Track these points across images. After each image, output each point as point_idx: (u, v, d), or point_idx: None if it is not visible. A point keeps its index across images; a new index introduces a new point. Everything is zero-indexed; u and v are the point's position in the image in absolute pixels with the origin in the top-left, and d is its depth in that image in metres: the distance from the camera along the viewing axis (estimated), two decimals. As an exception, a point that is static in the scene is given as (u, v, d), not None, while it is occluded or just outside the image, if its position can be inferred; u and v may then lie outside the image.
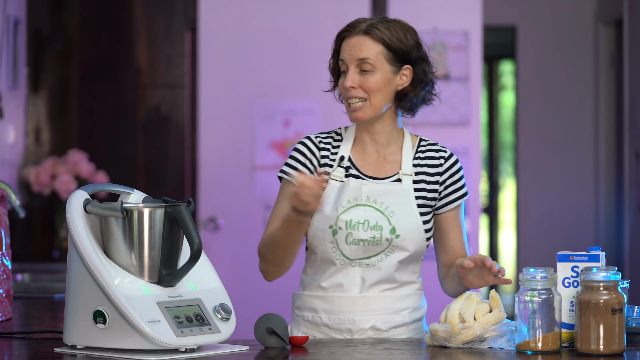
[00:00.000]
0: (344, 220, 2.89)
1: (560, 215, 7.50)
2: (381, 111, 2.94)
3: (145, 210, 2.55)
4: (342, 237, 2.89)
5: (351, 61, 2.91)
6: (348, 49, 2.91)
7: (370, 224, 2.90)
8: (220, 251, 5.79)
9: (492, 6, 7.17)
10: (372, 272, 2.91)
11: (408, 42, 2.93)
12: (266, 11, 5.84)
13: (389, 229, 2.89)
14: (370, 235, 2.89)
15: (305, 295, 2.96)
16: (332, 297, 2.92)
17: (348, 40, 2.92)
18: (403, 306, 2.94)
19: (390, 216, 2.90)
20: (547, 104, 7.57)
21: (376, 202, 2.91)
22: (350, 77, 2.91)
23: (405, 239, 2.90)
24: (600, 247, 2.66)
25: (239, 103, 5.83)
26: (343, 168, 2.96)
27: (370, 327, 2.91)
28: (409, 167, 2.97)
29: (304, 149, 2.99)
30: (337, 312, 2.91)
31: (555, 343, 2.55)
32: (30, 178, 5.82)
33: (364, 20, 2.95)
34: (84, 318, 2.52)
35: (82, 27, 6.11)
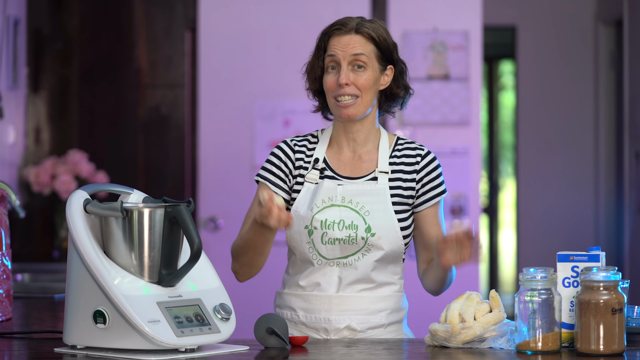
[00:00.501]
0: (319, 220, 2.91)
1: (560, 215, 7.50)
2: (369, 109, 2.97)
3: (145, 210, 2.55)
4: (318, 236, 2.91)
5: (344, 57, 2.92)
6: (340, 47, 2.93)
7: (346, 223, 2.91)
8: (220, 251, 5.79)
9: (492, 6, 7.17)
10: (349, 272, 2.92)
11: (390, 42, 2.99)
12: (266, 11, 5.84)
13: (364, 227, 2.91)
14: (346, 235, 2.90)
15: (285, 293, 2.99)
16: (309, 296, 2.94)
17: (339, 38, 2.94)
18: (381, 307, 2.94)
19: (366, 215, 2.91)
20: (547, 104, 7.57)
21: (351, 202, 2.92)
22: (344, 74, 2.92)
23: (381, 238, 2.91)
24: (600, 247, 2.66)
25: (239, 103, 5.83)
26: (317, 170, 2.97)
27: (346, 327, 2.92)
28: (385, 165, 2.98)
29: (280, 153, 3.01)
30: (314, 311, 2.93)
31: (555, 343, 2.55)
32: (30, 178, 5.82)
33: (351, 19, 2.97)
34: (84, 318, 2.52)
35: (82, 27, 6.11)
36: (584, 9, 7.49)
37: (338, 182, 2.95)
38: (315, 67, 2.98)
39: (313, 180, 2.97)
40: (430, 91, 5.88)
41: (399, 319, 2.99)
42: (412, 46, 5.89)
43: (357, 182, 2.96)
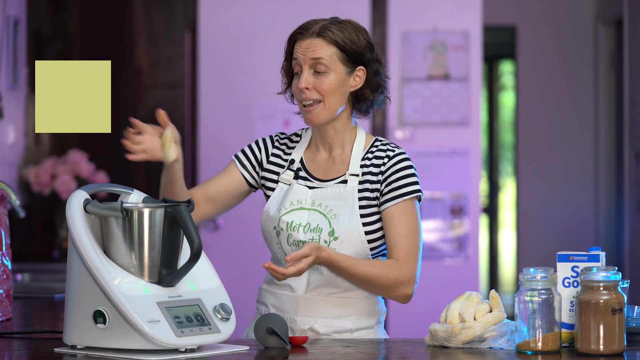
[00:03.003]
0: (285, 221, 2.92)
1: (560, 215, 7.50)
2: (336, 113, 2.94)
3: (145, 210, 2.55)
4: (284, 238, 2.93)
5: (305, 61, 2.90)
6: (301, 50, 2.90)
7: (311, 226, 2.91)
8: (220, 251, 5.79)
9: (492, 6, 7.17)
10: (316, 275, 2.92)
11: (360, 43, 2.93)
12: (266, 11, 5.84)
13: (328, 231, 2.90)
14: (309, 237, 2.90)
15: (263, 289, 3.02)
16: (280, 294, 2.95)
17: (301, 42, 2.91)
18: (348, 312, 2.93)
19: (332, 219, 2.91)
20: (547, 104, 7.57)
21: (321, 206, 2.93)
22: (304, 78, 2.90)
23: (343, 242, 2.89)
24: (600, 247, 2.66)
25: (239, 103, 5.83)
26: (292, 171, 2.98)
27: (309, 329, 2.92)
28: (357, 167, 2.95)
29: (261, 143, 3.06)
30: (283, 310, 2.94)
31: (555, 343, 2.55)
32: (30, 178, 5.82)
33: (316, 22, 2.94)
34: (84, 318, 2.52)
35: (82, 27, 6.11)
36: (584, 9, 7.49)
37: (310, 184, 2.95)
38: (286, 72, 2.99)
39: (287, 181, 2.97)
40: (430, 91, 5.88)
41: (370, 325, 2.96)
42: (412, 46, 5.89)
43: (327, 185, 2.95)
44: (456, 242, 5.87)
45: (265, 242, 3.02)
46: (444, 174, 5.84)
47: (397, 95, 5.85)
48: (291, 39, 2.95)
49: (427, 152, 5.85)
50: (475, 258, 5.87)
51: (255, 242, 5.82)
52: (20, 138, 5.93)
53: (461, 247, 5.86)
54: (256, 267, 5.86)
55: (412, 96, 5.86)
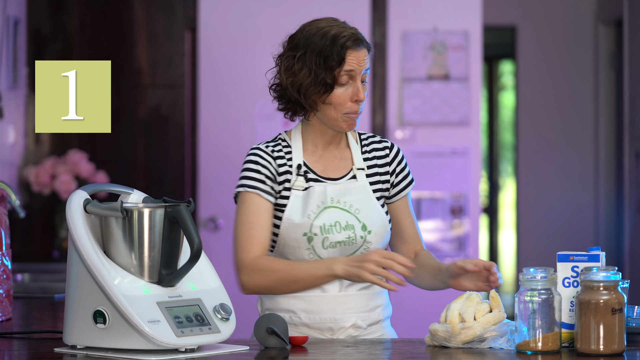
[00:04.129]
0: (318, 225, 2.90)
1: (560, 215, 7.50)
2: None
3: (145, 210, 2.55)
4: (319, 242, 2.90)
5: (359, 73, 2.90)
6: (357, 61, 2.89)
7: (342, 224, 2.91)
8: (220, 251, 5.79)
9: (492, 6, 7.17)
10: None
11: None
12: (266, 11, 5.84)
13: (359, 226, 2.92)
14: (345, 236, 2.91)
15: (280, 296, 2.94)
16: (311, 297, 2.92)
17: (356, 52, 2.89)
18: (377, 304, 2.97)
19: (357, 214, 2.92)
20: (547, 104, 7.57)
21: (340, 202, 2.93)
22: (361, 89, 2.90)
23: (376, 234, 2.93)
24: (600, 247, 2.66)
25: (239, 103, 5.83)
26: (302, 176, 2.96)
27: (352, 325, 2.93)
28: (361, 161, 2.99)
29: (260, 160, 2.94)
30: (318, 312, 2.92)
31: (555, 343, 2.55)
32: (30, 178, 5.82)
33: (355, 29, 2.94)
34: (84, 318, 2.52)
35: (82, 27, 6.11)
36: (584, 9, 7.49)
37: (324, 184, 2.95)
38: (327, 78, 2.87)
39: (300, 187, 2.94)
40: (430, 91, 5.88)
41: (388, 315, 3.03)
42: (412, 46, 5.89)
43: (340, 183, 2.96)
44: (456, 242, 5.87)
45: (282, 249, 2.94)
46: (444, 174, 5.84)
47: (397, 95, 5.86)
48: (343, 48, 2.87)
49: (427, 152, 5.85)
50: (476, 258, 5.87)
51: (255, 242, 5.82)
52: (20, 138, 5.93)
53: (461, 247, 5.86)
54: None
55: (412, 96, 5.86)
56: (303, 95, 2.90)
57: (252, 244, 2.89)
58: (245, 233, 2.91)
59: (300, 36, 2.94)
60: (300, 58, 2.91)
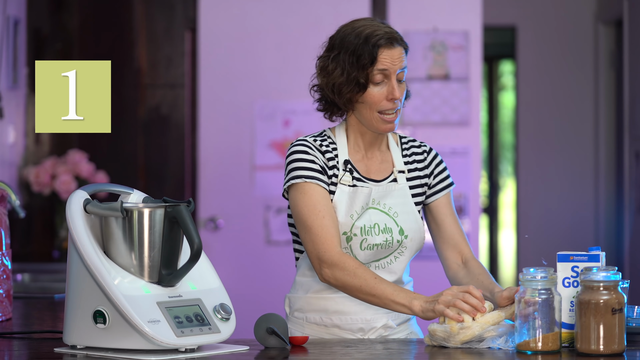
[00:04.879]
0: (359, 226, 2.91)
1: (560, 215, 7.50)
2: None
3: (145, 210, 2.55)
4: (357, 243, 2.91)
5: (394, 72, 2.90)
6: (391, 60, 2.88)
7: (380, 227, 2.92)
8: (220, 251, 5.79)
9: (492, 6, 7.17)
10: (380, 273, 2.94)
11: None
12: (266, 11, 5.84)
13: (397, 230, 2.93)
14: (383, 239, 2.92)
15: (311, 297, 2.96)
16: (343, 299, 2.93)
17: (390, 52, 2.88)
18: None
19: (395, 217, 2.93)
20: (547, 104, 7.57)
21: (380, 204, 2.93)
22: (396, 88, 2.90)
23: (412, 239, 2.95)
24: (600, 247, 2.66)
25: (239, 103, 5.83)
26: (348, 172, 2.95)
27: (383, 325, 2.95)
28: (401, 164, 3.00)
29: (311, 151, 2.92)
30: (349, 313, 2.94)
31: (555, 343, 2.55)
32: (30, 178, 5.82)
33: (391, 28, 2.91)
34: (84, 318, 2.52)
35: (82, 27, 6.11)
36: (584, 9, 7.49)
37: (369, 185, 2.95)
38: (360, 77, 2.87)
39: (347, 183, 2.93)
40: (430, 91, 5.88)
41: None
42: (412, 46, 5.89)
43: (381, 185, 2.96)
44: (456, 242, 5.87)
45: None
46: (444, 174, 5.83)
47: (397, 95, 5.85)
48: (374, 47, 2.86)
49: (427, 152, 5.84)
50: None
51: (255, 242, 5.82)
52: (20, 138, 5.93)
53: (461, 247, 5.86)
54: (256, 267, 5.86)
55: (412, 96, 5.85)
56: (337, 94, 2.90)
57: (331, 234, 2.84)
58: (319, 223, 2.85)
59: (337, 37, 2.93)
60: (334, 58, 2.91)
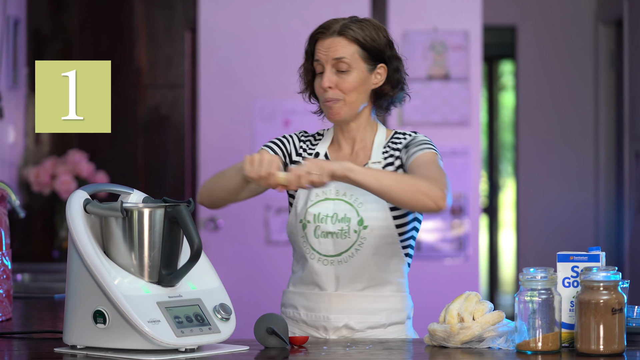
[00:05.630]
0: (312, 213, 2.92)
1: (560, 215, 7.50)
2: (357, 110, 2.96)
3: (145, 210, 2.55)
4: (311, 230, 2.92)
5: (327, 61, 2.92)
6: (323, 50, 2.93)
7: (339, 216, 2.91)
8: (220, 251, 5.79)
9: (492, 6, 7.17)
10: (345, 270, 2.92)
11: (381, 40, 2.96)
12: (266, 11, 5.84)
13: (357, 220, 2.90)
14: (338, 228, 2.91)
15: (289, 292, 3.01)
16: (310, 294, 2.95)
17: (322, 42, 2.94)
18: (381, 307, 2.94)
19: (359, 207, 2.91)
20: (547, 104, 7.57)
21: (346, 195, 2.93)
22: (327, 78, 2.92)
23: (373, 230, 2.90)
24: (600, 247, 2.66)
25: (239, 103, 5.84)
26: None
27: (344, 326, 2.92)
28: (379, 155, 2.98)
29: (288, 137, 3.06)
30: (314, 309, 2.94)
31: (555, 343, 2.55)
32: (30, 178, 5.82)
33: (336, 21, 2.97)
34: (84, 318, 2.52)
35: (82, 27, 6.11)
36: (584, 9, 7.49)
37: None
38: (307, 71, 3.00)
39: None
40: (430, 91, 5.88)
41: (401, 320, 2.97)
42: (412, 46, 5.89)
43: None
44: (456, 242, 5.87)
45: (290, 240, 3.01)
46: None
47: (397, 95, 5.86)
48: (312, 39, 2.97)
49: (427, 152, 5.84)
50: (475, 258, 5.87)
51: (255, 242, 5.82)
52: (20, 138, 5.93)
53: (461, 247, 5.86)
54: (256, 267, 5.86)
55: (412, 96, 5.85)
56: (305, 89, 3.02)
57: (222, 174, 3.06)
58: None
59: None
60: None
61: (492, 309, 2.68)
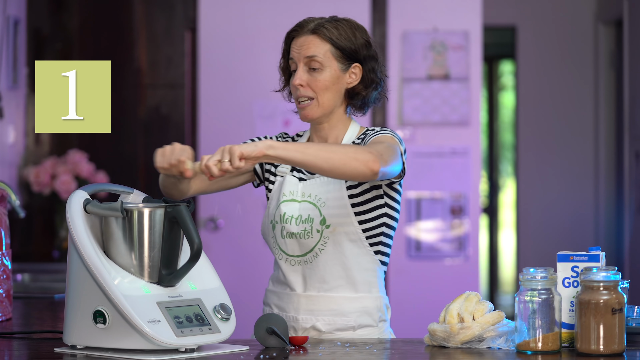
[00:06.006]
0: (279, 214, 2.93)
1: (560, 215, 7.50)
2: (330, 109, 2.94)
3: (145, 210, 2.55)
4: (279, 230, 2.93)
5: (299, 59, 2.92)
6: (297, 48, 2.93)
7: (303, 217, 2.91)
8: (220, 251, 5.79)
9: (492, 6, 7.17)
10: (311, 270, 2.91)
11: (357, 40, 2.94)
12: (266, 11, 5.84)
13: (319, 219, 2.89)
14: (302, 229, 2.90)
15: (267, 290, 3.02)
16: (282, 294, 2.96)
17: (297, 40, 2.94)
18: (350, 308, 2.91)
19: (322, 207, 2.90)
20: (547, 104, 7.57)
21: (310, 196, 2.92)
22: (298, 75, 2.92)
23: (335, 228, 2.89)
24: (600, 247, 2.66)
25: (239, 103, 5.84)
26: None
27: (311, 327, 2.91)
28: None
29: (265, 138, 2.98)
30: (285, 309, 2.94)
31: (555, 343, 2.55)
32: (30, 178, 5.82)
33: (312, 19, 2.97)
34: (84, 318, 2.52)
35: (82, 27, 6.11)
36: (584, 9, 7.49)
37: (302, 176, 2.95)
38: (284, 69, 3.00)
39: (283, 174, 2.98)
40: (430, 91, 5.88)
41: (372, 323, 2.94)
42: (412, 46, 5.89)
43: (316, 176, 2.94)
44: (456, 242, 5.87)
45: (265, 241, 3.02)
46: (444, 174, 5.84)
47: (397, 95, 5.86)
48: (288, 37, 2.97)
49: (427, 152, 5.85)
50: (475, 258, 5.87)
51: (255, 242, 5.82)
52: (20, 138, 5.93)
53: (461, 247, 5.86)
54: (256, 267, 5.86)
55: (412, 96, 5.86)
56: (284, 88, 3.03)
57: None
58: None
59: None
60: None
61: (492, 309, 2.68)
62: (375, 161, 2.67)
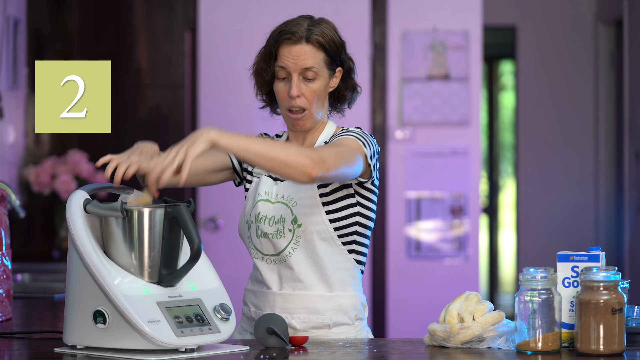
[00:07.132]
0: (254, 214, 2.94)
1: (560, 215, 7.50)
2: (320, 116, 2.94)
3: (145, 210, 2.55)
4: (254, 230, 2.94)
5: (295, 70, 2.90)
6: (292, 58, 2.90)
7: (276, 218, 2.91)
8: (220, 251, 5.79)
9: (492, 6, 7.17)
10: (286, 269, 2.91)
11: (338, 42, 2.95)
12: (266, 11, 5.84)
13: (291, 219, 2.89)
14: (274, 229, 2.91)
15: (246, 289, 3.02)
16: (259, 292, 2.96)
17: (290, 48, 2.92)
18: (325, 307, 2.90)
19: (293, 206, 2.90)
20: (547, 104, 7.57)
21: (284, 197, 2.92)
22: (295, 86, 2.88)
23: (307, 227, 2.88)
24: (600, 247, 2.66)
25: (239, 103, 5.83)
26: None
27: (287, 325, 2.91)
28: None
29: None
30: (261, 308, 2.94)
31: (555, 343, 2.55)
32: (30, 178, 5.82)
33: (300, 24, 2.95)
34: (84, 318, 2.52)
35: (82, 27, 6.11)
36: (584, 9, 7.49)
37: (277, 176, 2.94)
38: (265, 72, 2.97)
39: (259, 174, 2.98)
40: (430, 91, 5.88)
41: (348, 321, 2.93)
42: (412, 46, 5.89)
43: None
44: (456, 242, 5.87)
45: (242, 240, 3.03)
46: (444, 174, 5.84)
47: (397, 95, 5.86)
48: (275, 43, 2.94)
49: (427, 152, 5.85)
50: (475, 258, 5.87)
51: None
52: (20, 138, 5.93)
53: (461, 247, 5.86)
54: (256, 267, 5.86)
55: (412, 96, 5.86)
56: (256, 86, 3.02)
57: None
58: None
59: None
60: (259, 52, 3.04)
61: (492, 309, 2.68)
62: (314, 167, 2.64)
